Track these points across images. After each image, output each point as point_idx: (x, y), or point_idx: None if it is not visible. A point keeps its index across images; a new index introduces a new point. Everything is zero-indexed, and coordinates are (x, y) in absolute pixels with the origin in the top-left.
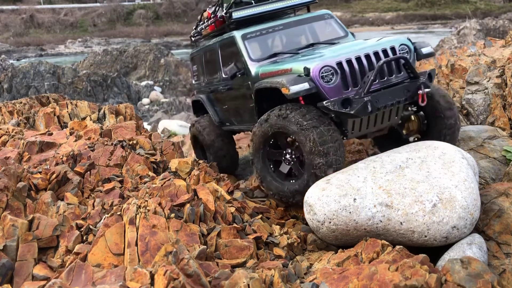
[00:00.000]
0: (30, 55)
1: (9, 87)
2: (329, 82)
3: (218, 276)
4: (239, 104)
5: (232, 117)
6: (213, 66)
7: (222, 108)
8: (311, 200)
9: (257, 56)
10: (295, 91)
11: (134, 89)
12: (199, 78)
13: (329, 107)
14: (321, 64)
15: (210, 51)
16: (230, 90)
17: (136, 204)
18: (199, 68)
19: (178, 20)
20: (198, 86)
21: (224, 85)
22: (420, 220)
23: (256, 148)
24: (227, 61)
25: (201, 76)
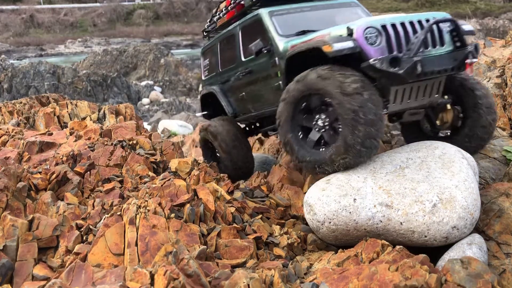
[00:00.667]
0: (30, 55)
1: (9, 87)
2: (373, 44)
3: (218, 276)
4: (260, 87)
5: (250, 104)
6: (230, 53)
7: (238, 97)
8: (311, 200)
9: (284, 32)
10: (339, 48)
11: (134, 89)
12: (211, 71)
13: (375, 66)
14: (365, 25)
15: (228, 38)
16: (250, 74)
17: (136, 204)
18: (212, 60)
19: (178, 20)
20: (209, 80)
21: (243, 70)
22: (420, 220)
23: (285, 110)
24: (249, 43)
25: (214, 68)
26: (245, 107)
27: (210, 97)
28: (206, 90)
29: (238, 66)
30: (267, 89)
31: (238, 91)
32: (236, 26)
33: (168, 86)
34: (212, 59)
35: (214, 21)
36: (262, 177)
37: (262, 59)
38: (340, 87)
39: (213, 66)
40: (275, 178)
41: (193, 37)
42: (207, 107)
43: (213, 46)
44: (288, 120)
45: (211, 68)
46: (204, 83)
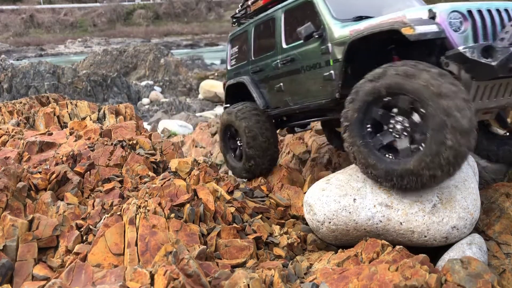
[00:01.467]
0: (30, 55)
1: (9, 87)
2: (458, 31)
3: (218, 276)
4: (304, 77)
5: (288, 97)
6: (267, 39)
7: (273, 88)
8: (311, 200)
9: (339, 15)
10: (422, 31)
11: (134, 89)
12: (240, 60)
13: (465, 54)
14: (450, 8)
15: (265, 23)
16: (292, 62)
17: (136, 204)
18: (242, 48)
19: (178, 20)
20: (236, 69)
21: (284, 58)
22: (420, 220)
23: (354, 112)
24: (294, 28)
25: (244, 57)
26: (281, 100)
27: (236, 88)
28: (233, 80)
29: (277, 53)
30: (314, 79)
31: (274, 82)
32: (278, 9)
33: (168, 86)
34: (243, 46)
35: (248, 5)
36: (262, 177)
37: (310, 46)
38: (433, 88)
39: (243, 54)
40: (275, 178)
41: (193, 37)
42: (231, 99)
43: (245, 32)
44: (357, 124)
45: (240, 56)
46: (230, 73)
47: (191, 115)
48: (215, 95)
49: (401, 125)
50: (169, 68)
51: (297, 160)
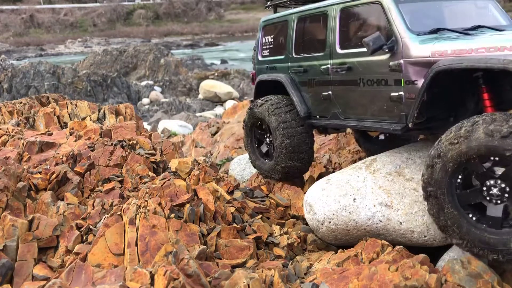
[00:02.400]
0: (30, 55)
1: (9, 87)
2: None
3: (218, 276)
4: (363, 92)
5: (338, 109)
6: (315, 37)
7: (318, 95)
8: (311, 199)
9: (415, 27)
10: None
11: (134, 89)
12: (276, 53)
13: None
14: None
15: (315, 17)
16: (349, 72)
17: (136, 204)
18: (280, 39)
19: (178, 20)
20: (270, 63)
21: (338, 65)
22: (420, 220)
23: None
24: (352, 31)
25: (281, 50)
26: (328, 110)
27: (270, 85)
28: (267, 76)
29: (329, 57)
30: (376, 97)
31: (321, 88)
32: (333, 4)
33: (168, 86)
34: (280, 38)
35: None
36: (262, 177)
37: (375, 58)
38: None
39: (281, 47)
40: None
41: (193, 37)
42: (263, 95)
43: (284, 22)
44: (446, 192)
45: (276, 48)
46: (261, 64)
47: (191, 115)
48: (215, 95)
49: (498, 190)
50: (169, 68)
51: None
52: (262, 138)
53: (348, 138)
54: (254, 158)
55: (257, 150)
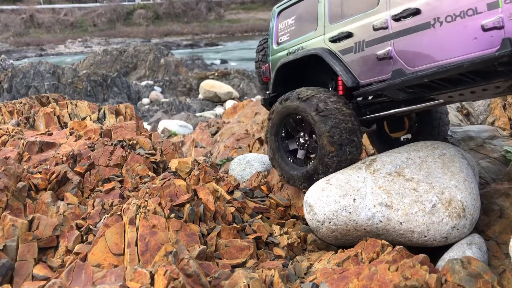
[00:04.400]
0: (30, 55)
1: (9, 87)
2: None
3: (218, 276)
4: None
5: (402, 64)
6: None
7: (371, 58)
8: (311, 200)
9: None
10: None
11: (134, 89)
12: (300, 32)
13: None
14: None
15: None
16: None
17: (136, 204)
18: (305, 17)
19: (178, 20)
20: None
21: (399, 12)
22: (420, 220)
23: None
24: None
25: (310, 26)
26: (387, 70)
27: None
28: (293, 56)
29: (383, 9)
30: (458, 32)
31: (375, 48)
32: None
33: (168, 86)
34: (304, 16)
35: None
36: (262, 177)
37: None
38: None
39: (308, 23)
40: (275, 178)
41: (193, 37)
42: (282, 85)
43: None
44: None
45: (301, 27)
46: (277, 52)
47: (191, 115)
48: (215, 95)
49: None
50: (169, 68)
51: None
52: (292, 140)
53: None
54: (286, 167)
55: (289, 156)
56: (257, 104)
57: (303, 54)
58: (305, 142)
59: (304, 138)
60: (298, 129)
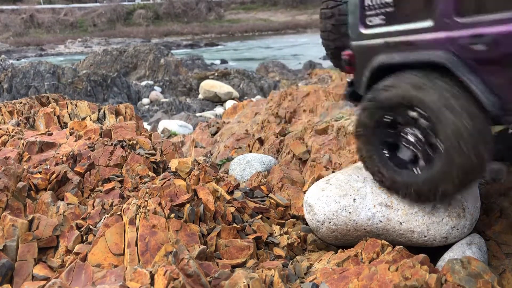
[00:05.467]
0: (30, 55)
1: (9, 87)
2: None
3: (218, 276)
4: None
5: None
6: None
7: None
8: (311, 200)
9: None
10: None
11: (134, 89)
12: (402, 19)
13: None
14: None
15: None
16: None
17: (136, 204)
18: None
19: (178, 20)
20: (384, 36)
21: None
22: (420, 220)
23: None
24: None
25: (422, 14)
26: None
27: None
28: (398, 57)
29: None
30: None
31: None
32: None
33: (168, 86)
34: None
35: None
36: (262, 177)
37: None
38: None
39: (421, 7)
40: (275, 178)
41: (193, 37)
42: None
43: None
44: None
45: (405, 11)
46: (368, 39)
47: (191, 115)
48: (215, 95)
49: None
50: (169, 68)
51: (297, 160)
52: (398, 140)
53: (348, 138)
54: (388, 172)
55: (392, 159)
56: (257, 104)
57: (417, 60)
58: (416, 141)
59: (414, 135)
60: (407, 124)
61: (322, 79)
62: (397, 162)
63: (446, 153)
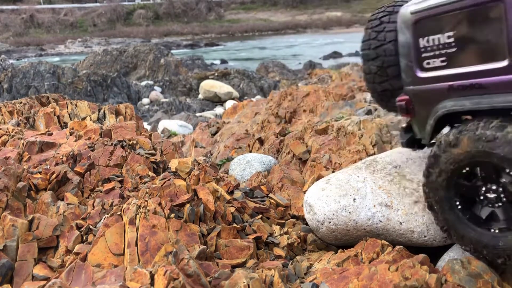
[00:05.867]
0: (30, 55)
1: (9, 87)
2: None
3: (218, 276)
4: None
5: None
6: None
7: None
8: (311, 200)
9: None
10: None
11: (134, 89)
12: (468, 60)
13: None
14: None
15: None
16: None
17: (136, 204)
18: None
19: (178, 20)
20: (448, 79)
21: None
22: (420, 220)
23: None
24: None
25: (492, 54)
26: None
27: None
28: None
29: None
30: None
31: None
32: None
33: (168, 86)
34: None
35: None
36: (262, 177)
37: None
38: None
39: (483, 46)
40: (275, 178)
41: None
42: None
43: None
44: None
45: (467, 51)
46: (428, 83)
47: (191, 115)
48: (215, 95)
49: None
50: (169, 68)
51: (297, 160)
52: (475, 194)
53: (348, 138)
54: (462, 228)
55: (467, 214)
56: (257, 104)
57: (490, 107)
58: (496, 198)
59: (492, 191)
60: (486, 179)
61: (322, 79)
62: (471, 217)
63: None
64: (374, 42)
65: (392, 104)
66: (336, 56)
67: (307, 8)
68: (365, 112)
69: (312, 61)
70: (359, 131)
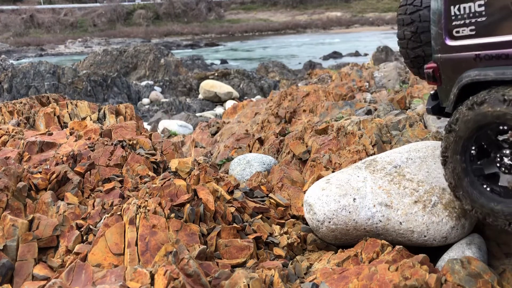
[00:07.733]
0: (30, 55)
1: (9, 87)
2: None
3: (218, 276)
4: None
5: None
6: None
7: None
8: (311, 199)
9: None
10: None
11: (134, 89)
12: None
13: None
14: None
15: None
16: None
17: (136, 204)
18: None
19: (178, 20)
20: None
21: None
22: (419, 220)
23: None
24: None
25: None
26: None
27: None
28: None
29: None
30: None
31: None
32: None
33: (168, 86)
34: None
35: None
36: (262, 177)
37: None
38: None
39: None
40: (275, 178)
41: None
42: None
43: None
44: None
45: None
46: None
47: (191, 115)
48: (215, 95)
49: None
50: (169, 68)
51: (297, 160)
52: (491, 160)
53: (348, 138)
54: (481, 198)
55: (486, 183)
56: (256, 104)
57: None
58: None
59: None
60: (502, 145)
61: (322, 79)
62: (494, 190)
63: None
64: (410, 7)
65: (423, 70)
66: (336, 56)
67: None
68: (365, 112)
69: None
70: (359, 131)
